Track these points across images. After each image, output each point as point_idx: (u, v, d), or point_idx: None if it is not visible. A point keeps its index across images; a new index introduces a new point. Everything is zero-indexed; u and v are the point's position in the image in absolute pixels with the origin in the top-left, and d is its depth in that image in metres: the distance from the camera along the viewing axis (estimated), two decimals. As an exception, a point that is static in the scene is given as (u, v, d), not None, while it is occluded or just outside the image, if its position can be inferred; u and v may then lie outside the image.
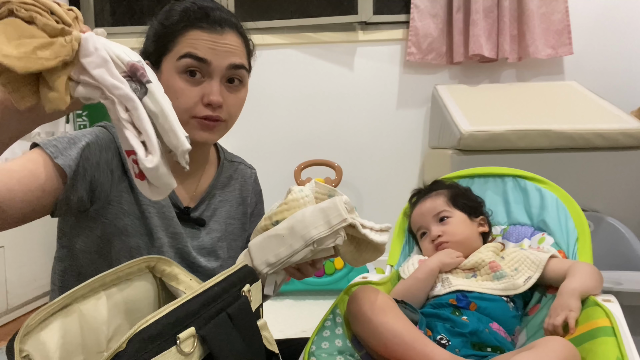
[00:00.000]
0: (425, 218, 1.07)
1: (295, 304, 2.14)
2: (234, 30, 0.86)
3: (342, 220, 0.73)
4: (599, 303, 0.78)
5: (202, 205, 0.94)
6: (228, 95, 0.85)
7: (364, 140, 2.50)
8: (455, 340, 0.82)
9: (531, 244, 1.06)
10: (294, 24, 2.48)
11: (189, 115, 0.83)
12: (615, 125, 1.73)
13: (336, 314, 0.87)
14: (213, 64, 0.82)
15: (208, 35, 0.82)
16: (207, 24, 0.83)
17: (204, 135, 0.85)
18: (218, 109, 0.84)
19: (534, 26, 2.23)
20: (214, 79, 0.83)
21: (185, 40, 0.82)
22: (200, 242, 0.92)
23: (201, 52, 0.81)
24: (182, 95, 0.82)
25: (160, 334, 0.53)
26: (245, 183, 1.03)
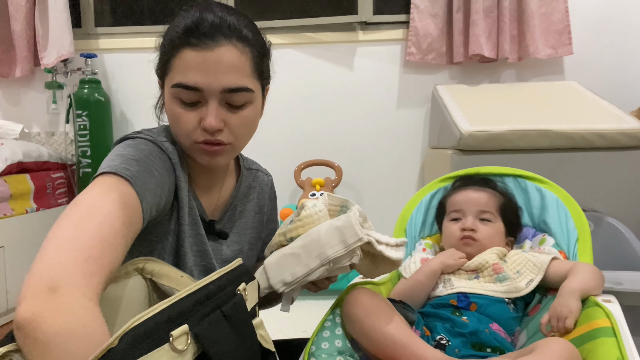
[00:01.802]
0: (470, 206, 1.04)
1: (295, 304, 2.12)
2: (231, 39, 0.75)
3: (357, 240, 0.73)
4: (599, 303, 0.78)
5: (225, 217, 0.92)
6: (230, 116, 0.78)
7: (364, 140, 2.50)
8: (455, 341, 0.82)
9: (532, 245, 1.06)
10: (294, 24, 2.48)
11: (191, 141, 0.78)
12: (615, 125, 1.73)
13: (336, 314, 0.87)
14: (205, 89, 0.75)
15: (197, 54, 0.74)
16: (197, 38, 0.74)
17: (209, 160, 0.80)
18: (217, 133, 0.77)
19: (534, 26, 2.23)
20: (210, 102, 0.76)
21: (176, 63, 0.76)
22: (222, 256, 0.90)
23: (191, 79, 0.74)
24: (181, 120, 0.77)
25: (153, 331, 0.52)
26: (262, 191, 1.00)
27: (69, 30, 2.45)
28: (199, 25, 0.74)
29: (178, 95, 0.76)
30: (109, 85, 2.59)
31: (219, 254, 0.89)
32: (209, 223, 0.88)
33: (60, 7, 2.41)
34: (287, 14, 2.60)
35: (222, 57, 0.74)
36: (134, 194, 0.67)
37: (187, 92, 0.75)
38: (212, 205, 0.90)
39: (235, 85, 0.76)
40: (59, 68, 2.52)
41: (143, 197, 0.68)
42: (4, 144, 2.13)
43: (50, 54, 2.45)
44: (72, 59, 2.51)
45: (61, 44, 2.43)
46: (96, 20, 2.68)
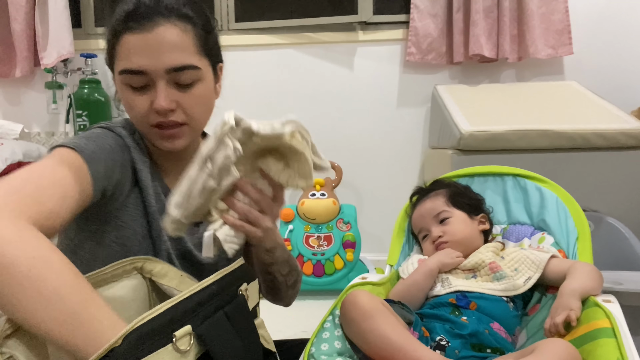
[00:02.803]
0: (425, 219, 1.07)
1: (295, 304, 2.12)
2: (169, 18, 0.75)
3: (223, 124, 0.64)
4: (599, 304, 0.78)
5: None
6: (181, 96, 0.78)
7: (364, 140, 2.50)
8: (454, 342, 0.82)
9: (531, 244, 1.06)
10: (294, 24, 2.48)
11: (146, 126, 0.79)
12: (615, 125, 1.73)
13: (335, 315, 0.87)
14: (150, 71, 0.75)
15: (138, 38, 0.74)
16: (135, 22, 0.74)
17: (166, 144, 0.80)
18: (170, 114, 0.77)
19: (534, 26, 2.23)
20: (158, 84, 0.76)
21: (120, 50, 0.76)
22: (199, 236, 0.89)
23: (135, 63, 0.74)
24: (133, 106, 0.78)
25: (156, 331, 0.53)
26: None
27: (69, 30, 2.45)
28: (137, 8, 0.75)
29: (126, 82, 0.77)
30: (109, 85, 2.59)
31: (196, 235, 0.89)
32: None
33: (60, 7, 2.41)
34: (287, 14, 2.60)
35: (162, 36, 0.74)
36: (79, 157, 0.69)
37: (134, 76, 0.75)
38: None
39: (179, 63, 0.76)
40: (59, 68, 2.52)
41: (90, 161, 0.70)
42: (4, 144, 2.13)
43: (50, 54, 2.45)
44: (72, 59, 2.51)
45: (61, 44, 2.43)
46: (96, 20, 2.68)
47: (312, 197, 2.23)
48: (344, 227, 2.20)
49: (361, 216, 2.43)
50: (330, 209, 2.19)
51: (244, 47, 2.50)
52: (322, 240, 2.18)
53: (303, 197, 2.24)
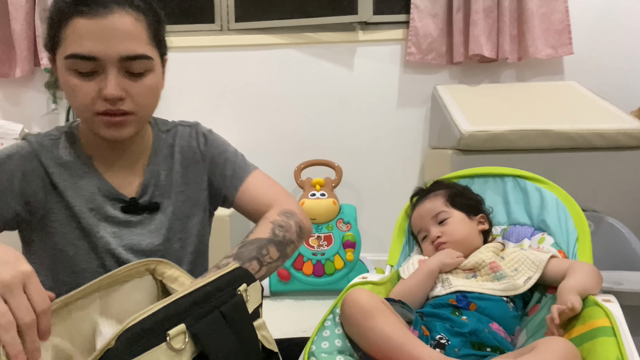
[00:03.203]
0: (425, 220, 1.07)
1: (295, 304, 2.14)
2: (124, 7, 0.75)
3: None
4: (598, 303, 0.78)
5: (149, 188, 0.90)
6: (131, 85, 0.77)
7: (364, 140, 2.50)
8: (454, 340, 0.82)
9: (531, 244, 1.06)
10: (294, 24, 2.48)
11: (91, 113, 0.77)
12: (615, 125, 1.73)
13: (336, 314, 0.87)
14: (102, 58, 0.74)
15: (90, 23, 0.72)
16: (87, 6, 0.72)
17: (112, 133, 0.79)
18: (119, 102, 0.76)
19: (534, 26, 2.23)
20: (109, 71, 0.75)
21: (69, 33, 0.74)
22: (158, 225, 0.89)
23: (86, 48, 0.73)
24: (79, 92, 0.76)
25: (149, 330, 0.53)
26: (186, 143, 0.95)
27: (69, 30, 2.44)
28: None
29: (73, 67, 0.75)
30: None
31: (153, 224, 0.89)
32: (129, 201, 0.87)
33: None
34: (287, 14, 2.60)
35: (116, 24, 0.74)
36: None
37: (83, 62, 0.74)
38: (133, 181, 0.89)
39: (133, 52, 0.76)
40: (59, 68, 2.52)
41: None
42: (3, 144, 2.13)
43: (50, 54, 2.45)
44: (72, 59, 2.51)
45: (61, 44, 2.43)
46: (96, 20, 2.68)
47: (312, 197, 2.23)
48: (344, 227, 2.20)
49: (361, 216, 2.43)
50: (330, 209, 2.19)
51: (244, 47, 2.50)
52: (322, 240, 2.18)
53: (303, 197, 2.24)
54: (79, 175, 0.85)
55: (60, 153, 0.85)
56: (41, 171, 0.82)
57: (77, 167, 0.85)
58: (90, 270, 0.84)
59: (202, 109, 2.54)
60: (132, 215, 0.88)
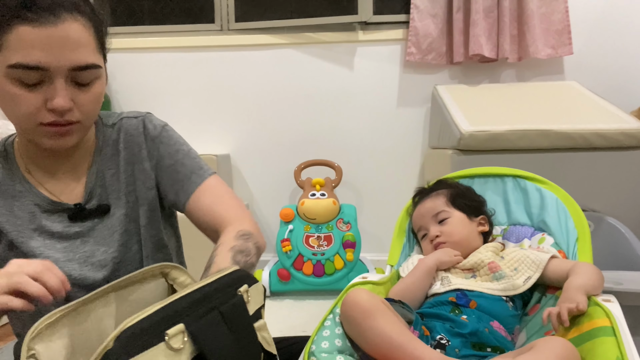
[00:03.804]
0: (425, 219, 1.08)
1: (295, 304, 2.14)
2: (74, 13, 0.70)
3: None
4: (599, 303, 0.78)
5: (96, 191, 0.85)
6: (78, 94, 0.73)
7: (364, 140, 2.50)
8: (454, 341, 0.82)
9: (531, 244, 1.06)
10: (294, 24, 2.48)
11: (33, 124, 0.72)
12: (615, 125, 1.73)
13: (336, 314, 0.87)
14: (50, 69, 0.69)
15: (39, 31, 0.67)
16: (34, 13, 0.67)
17: (57, 142, 0.75)
18: (67, 113, 0.72)
19: (534, 26, 2.23)
20: (56, 82, 0.70)
21: (12, 40, 0.67)
22: (112, 228, 0.85)
23: (34, 58, 0.68)
24: (21, 102, 0.70)
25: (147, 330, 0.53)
26: (132, 137, 0.88)
27: (69, 30, 2.44)
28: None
29: (17, 76, 0.69)
30: (109, 85, 2.60)
31: (105, 229, 0.84)
32: (75, 208, 0.82)
33: None
34: (287, 14, 2.60)
35: (67, 33, 0.69)
36: None
37: (29, 72, 0.69)
38: (77, 186, 0.85)
39: (84, 62, 0.72)
40: (59, 68, 2.52)
41: None
42: (4, 143, 2.13)
43: (50, 54, 2.45)
44: (72, 59, 2.51)
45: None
46: (96, 20, 2.67)
47: (312, 197, 2.23)
48: (344, 227, 2.20)
49: (361, 216, 2.43)
50: (330, 209, 2.19)
51: (244, 47, 2.50)
52: (322, 240, 2.18)
53: (303, 197, 2.24)
54: (13, 196, 0.81)
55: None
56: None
57: (11, 189, 0.81)
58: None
59: (201, 109, 2.54)
60: (81, 223, 0.83)
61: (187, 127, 1.01)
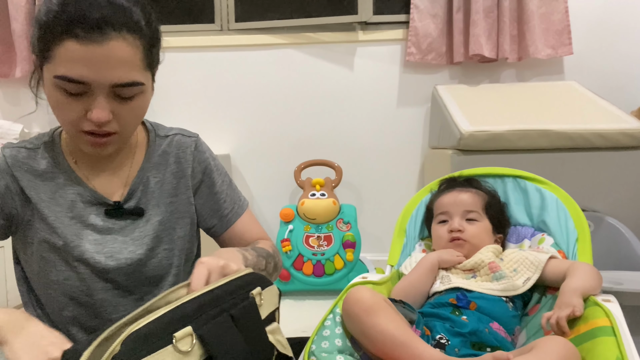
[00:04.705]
0: (455, 208, 1.06)
1: (295, 304, 2.14)
2: (122, 32, 0.71)
3: None
4: (598, 303, 0.78)
5: (137, 193, 0.88)
6: (119, 107, 0.76)
7: (364, 140, 2.50)
8: (454, 340, 0.82)
9: (531, 245, 1.07)
10: (294, 24, 2.48)
11: (75, 130, 0.76)
12: (615, 125, 1.73)
13: (336, 314, 0.87)
14: (92, 84, 0.72)
15: (84, 48, 0.69)
16: (83, 30, 0.68)
17: (95, 150, 0.79)
18: (105, 124, 0.75)
19: (534, 26, 2.23)
20: (97, 95, 0.73)
21: (60, 53, 0.70)
22: (142, 232, 0.87)
23: (76, 73, 0.70)
24: (64, 109, 0.75)
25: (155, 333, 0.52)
26: (183, 154, 0.93)
27: (69, 30, 2.44)
28: (86, 15, 0.69)
29: (62, 86, 0.73)
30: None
31: (137, 231, 0.87)
32: (113, 205, 0.86)
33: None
34: (287, 14, 2.60)
35: (111, 51, 0.70)
36: None
37: (72, 84, 0.72)
38: (120, 185, 0.88)
39: (125, 80, 0.73)
40: (59, 68, 2.52)
41: None
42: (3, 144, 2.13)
43: (50, 54, 2.45)
44: (72, 59, 2.51)
45: (61, 44, 2.42)
46: (96, 20, 2.67)
47: (312, 197, 2.23)
48: (344, 227, 2.20)
49: (361, 216, 2.43)
50: (330, 209, 2.19)
51: (244, 47, 2.50)
52: (322, 240, 2.18)
53: (303, 197, 2.24)
54: (58, 184, 0.84)
55: (37, 164, 0.84)
56: (15, 186, 0.82)
57: (55, 177, 0.85)
58: (58, 282, 0.84)
59: (201, 109, 2.54)
60: (115, 220, 0.86)
61: (187, 127, 1.01)
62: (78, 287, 0.83)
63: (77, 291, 0.83)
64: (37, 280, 0.86)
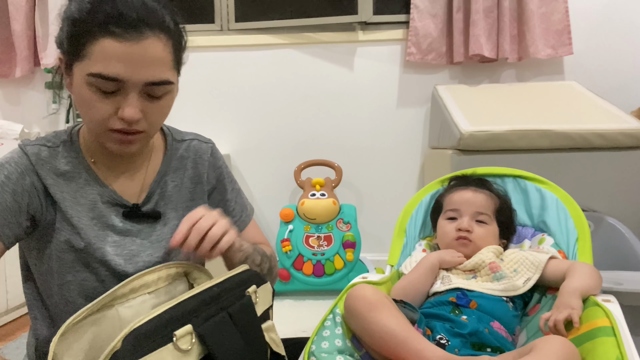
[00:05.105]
0: (467, 207, 1.05)
1: (295, 304, 2.14)
2: (156, 31, 0.73)
3: None
4: (598, 303, 0.78)
5: (154, 197, 0.89)
6: (148, 105, 0.77)
7: (364, 140, 2.50)
8: (454, 341, 0.82)
9: (531, 245, 1.07)
10: (294, 24, 2.48)
11: (104, 128, 0.77)
12: (615, 125, 1.73)
13: (336, 314, 0.87)
14: (127, 81, 0.73)
15: (121, 46, 0.70)
16: (120, 28, 0.70)
17: (121, 149, 0.80)
18: (135, 123, 0.76)
19: (534, 26, 2.23)
20: (130, 93, 0.74)
21: (95, 51, 0.71)
22: (159, 236, 0.88)
23: (112, 70, 0.71)
24: (95, 107, 0.75)
25: (155, 331, 0.53)
26: (200, 159, 0.95)
27: (69, 30, 2.44)
28: (124, 14, 0.71)
29: (95, 84, 0.73)
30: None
31: (155, 235, 0.87)
32: (132, 207, 0.86)
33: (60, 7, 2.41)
34: (287, 14, 2.60)
35: (147, 50, 0.72)
36: None
37: (107, 82, 0.72)
38: (137, 187, 0.88)
39: (158, 79, 0.75)
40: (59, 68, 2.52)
41: None
42: (4, 144, 2.13)
43: (50, 54, 2.45)
44: (72, 59, 2.51)
45: (61, 44, 2.43)
46: (96, 20, 2.68)
47: (312, 197, 2.23)
48: (344, 227, 2.20)
49: (361, 216, 2.43)
50: (330, 209, 2.19)
51: (244, 47, 2.50)
52: (322, 240, 2.18)
53: (303, 197, 2.24)
54: (78, 184, 0.84)
55: (59, 163, 0.84)
56: (39, 185, 0.81)
57: (76, 176, 0.84)
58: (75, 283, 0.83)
59: (202, 109, 2.54)
60: (133, 223, 0.86)
61: (187, 127, 1.01)
62: (96, 287, 0.82)
63: (95, 292, 0.82)
64: (50, 280, 0.84)
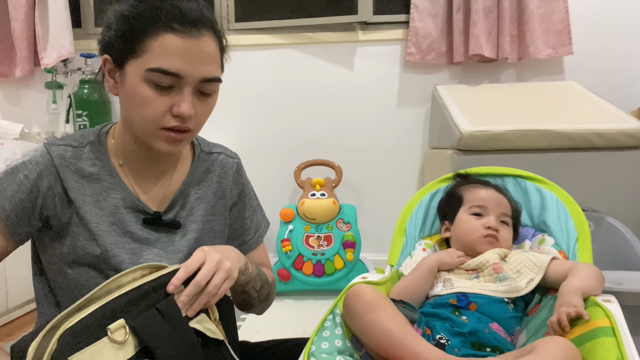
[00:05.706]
0: (496, 207, 1.04)
1: (295, 304, 2.14)
2: (210, 30, 0.77)
3: None
4: (598, 303, 0.78)
5: (176, 206, 0.88)
6: (198, 104, 0.78)
7: (364, 140, 2.50)
8: (454, 340, 0.82)
9: (532, 245, 1.07)
10: (294, 24, 2.48)
11: (156, 126, 0.77)
12: (615, 125, 1.73)
13: (336, 314, 0.87)
14: (186, 77, 0.74)
15: (182, 42, 0.73)
16: (180, 25, 0.73)
17: (170, 148, 0.79)
18: (188, 120, 0.77)
19: (534, 26, 2.23)
20: (186, 90, 0.75)
21: (156, 46, 0.73)
22: (177, 247, 0.86)
23: (174, 65, 0.73)
24: (150, 104, 0.75)
25: (88, 327, 0.59)
26: (225, 174, 0.95)
27: (69, 30, 2.45)
28: (185, 12, 0.74)
29: (154, 79, 0.74)
30: (109, 85, 2.59)
31: (172, 245, 0.86)
32: (153, 215, 0.85)
33: (60, 7, 2.41)
34: (287, 14, 2.61)
35: (205, 46, 0.76)
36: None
37: (167, 77, 0.74)
38: (160, 194, 0.87)
39: (212, 75, 0.78)
40: (59, 68, 2.52)
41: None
42: (4, 144, 2.13)
43: (50, 54, 2.45)
44: (72, 59, 2.51)
45: (61, 44, 2.43)
46: (96, 20, 2.68)
47: (312, 197, 2.23)
48: (344, 227, 2.20)
49: (361, 216, 2.43)
50: (330, 209, 2.19)
51: (244, 47, 2.50)
52: (322, 240, 2.18)
53: (303, 197, 2.25)
54: (102, 187, 0.82)
55: (84, 164, 0.82)
56: (58, 187, 0.80)
57: (101, 179, 0.83)
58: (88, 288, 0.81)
59: (202, 109, 2.54)
60: (151, 231, 0.85)
61: (187, 127, 1.01)
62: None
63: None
64: (62, 282, 0.83)
